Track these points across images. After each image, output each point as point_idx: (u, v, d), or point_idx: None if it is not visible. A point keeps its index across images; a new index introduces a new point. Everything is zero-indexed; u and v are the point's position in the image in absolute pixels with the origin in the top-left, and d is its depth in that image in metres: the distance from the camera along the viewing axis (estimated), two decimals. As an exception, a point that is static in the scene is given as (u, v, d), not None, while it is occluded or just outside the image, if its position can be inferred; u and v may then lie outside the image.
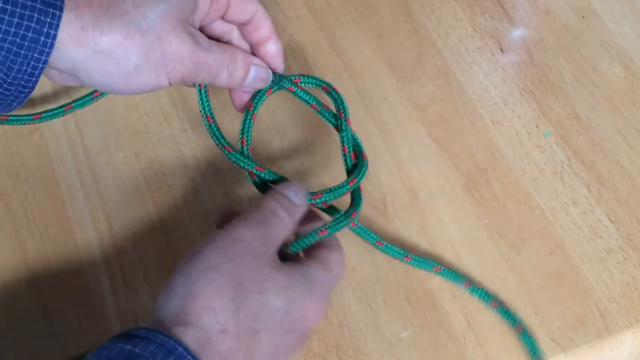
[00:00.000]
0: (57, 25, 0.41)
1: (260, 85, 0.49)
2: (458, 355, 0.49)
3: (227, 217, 0.44)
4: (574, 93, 0.59)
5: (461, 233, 0.54)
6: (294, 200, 0.45)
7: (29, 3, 0.40)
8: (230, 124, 0.56)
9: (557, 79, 0.60)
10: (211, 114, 0.48)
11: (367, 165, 0.48)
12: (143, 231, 0.53)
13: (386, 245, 0.50)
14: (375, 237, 0.50)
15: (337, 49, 0.62)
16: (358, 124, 0.58)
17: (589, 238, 0.53)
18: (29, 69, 0.41)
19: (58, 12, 0.40)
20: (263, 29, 0.49)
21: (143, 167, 0.56)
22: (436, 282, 0.52)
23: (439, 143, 0.57)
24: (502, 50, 0.62)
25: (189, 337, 0.38)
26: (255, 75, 0.48)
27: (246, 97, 0.50)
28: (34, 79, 0.42)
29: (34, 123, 0.57)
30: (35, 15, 0.40)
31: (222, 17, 0.48)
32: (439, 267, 0.51)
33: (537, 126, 0.58)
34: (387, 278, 0.52)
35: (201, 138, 0.57)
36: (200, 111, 0.48)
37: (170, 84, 0.45)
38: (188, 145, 0.57)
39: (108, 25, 0.41)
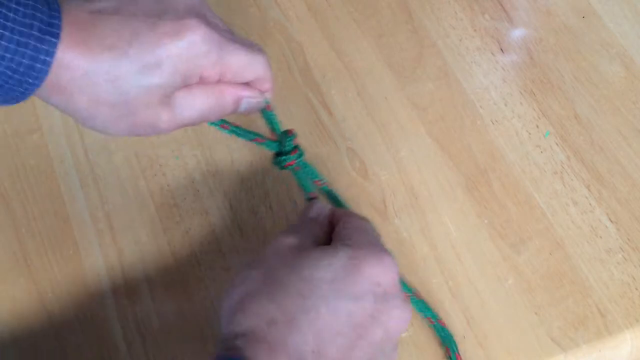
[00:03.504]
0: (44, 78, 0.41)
1: (255, 111, 0.48)
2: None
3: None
4: (574, 93, 0.59)
5: (461, 233, 0.53)
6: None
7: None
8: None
9: (557, 79, 0.60)
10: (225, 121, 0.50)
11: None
12: (143, 231, 0.53)
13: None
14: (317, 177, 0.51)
15: (337, 49, 0.62)
16: (358, 124, 0.58)
17: (589, 238, 0.53)
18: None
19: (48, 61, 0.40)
20: (264, 84, 0.47)
21: (143, 167, 0.56)
22: (436, 282, 0.52)
23: (439, 143, 0.57)
24: (502, 50, 0.62)
25: (243, 344, 0.38)
26: (247, 107, 0.47)
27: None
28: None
29: None
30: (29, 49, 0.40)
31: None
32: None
33: (537, 126, 0.58)
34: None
35: (201, 138, 0.57)
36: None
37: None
38: (188, 145, 0.57)
39: (78, 91, 0.41)
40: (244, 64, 0.45)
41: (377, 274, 0.40)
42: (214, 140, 0.57)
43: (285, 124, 0.58)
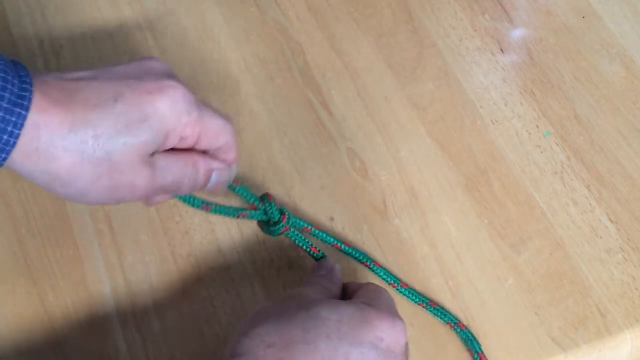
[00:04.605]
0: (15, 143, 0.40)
1: (223, 187, 0.49)
2: (458, 355, 0.49)
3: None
4: (574, 93, 0.59)
5: (461, 233, 0.54)
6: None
7: None
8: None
9: (557, 79, 0.60)
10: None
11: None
12: (143, 231, 0.53)
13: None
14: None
15: (337, 49, 0.62)
16: (358, 124, 0.58)
17: (589, 238, 0.53)
18: None
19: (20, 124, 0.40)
20: (230, 152, 0.48)
21: (143, 167, 0.56)
22: (436, 282, 0.52)
23: (439, 143, 0.57)
24: (502, 50, 0.62)
25: None
26: (217, 180, 0.48)
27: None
28: None
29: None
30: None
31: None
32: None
33: (537, 126, 0.58)
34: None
35: (201, 138, 0.57)
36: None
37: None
38: (188, 145, 0.57)
39: (62, 151, 0.41)
40: (220, 127, 0.46)
41: (384, 330, 0.41)
42: (214, 140, 0.57)
43: (285, 124, 0.58)
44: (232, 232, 0.53)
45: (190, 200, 0.52)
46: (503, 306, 0.51)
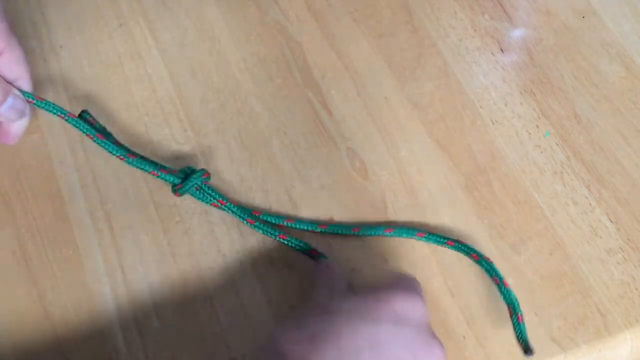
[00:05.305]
0: None
1: (14, 117, 0.52)
2: (458, 355, 0.49)
3: None
4: (574, 93, 0.59)
5: (461, 233, 0.53)
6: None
7: None
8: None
9: (557, 79, 0.60)
10: None
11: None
12: (143, 231, 0.53)
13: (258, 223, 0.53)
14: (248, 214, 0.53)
15: (337, 49, 0.62)
16: (358, 124, 0.58)
17: (589, 238, 0.53)
18: None
19: None
20: (19, 66, 0.51)
21: (143, 167, 0.56)
22: (436, 282, 0.52)
23: (439, 143, 0.57)
24: (502, 50, 0.62)
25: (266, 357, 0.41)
26: (12, 104, 0.50)
27: (8, 129, 0.53)
28: None
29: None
30: None
31: None
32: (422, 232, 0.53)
33: (537, 126, 0.58)
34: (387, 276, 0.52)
35: (200, 138, 0.57)
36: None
37: None
38: (188, 145, 0.57)
39: None
40: (22, 57, 0.51)
41: (398, 302, 0.42)
42: (213, 143, 0.57)
43: (285, 124, 0.58)
44: (232, 232, 0.53)
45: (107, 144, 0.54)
46: (503, 306, 0.51)
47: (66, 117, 0.54)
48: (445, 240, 0.52)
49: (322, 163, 0.56)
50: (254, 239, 0.53)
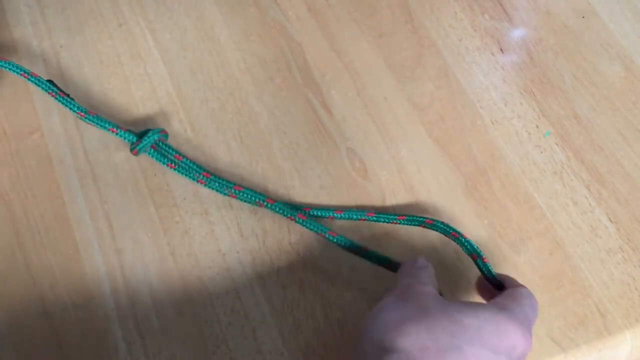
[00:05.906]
0: None
1: None
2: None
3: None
4: (574, 93, 0.59)
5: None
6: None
7: None
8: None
9: (557, 79, 0.60)
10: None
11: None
12: (143, 231, 0.53)
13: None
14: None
15: (337, 49, 0.62)
16: (358, 124, 0.58)
17: (589, 238, 0.53)
18: None
19: None
20: None
21: (143, 167, 0.56)
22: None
23: (439, 143, 0.57)
24: (502, 50, 0.62)
25: None
26: None
27: None
28: None
29: None
30: None
31: None
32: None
33: (537, 126, 0.58)
34: (387, 276, 0.52)
35: (200, 138, 0.57)
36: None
37: None
38: (188, 145, 0.57)
39: None
40: None
41: (518, 340, 0.42)
42: (213, 143, 0.57)
43: (285, 124, 0.58)
44: (232, 232, 0.53)
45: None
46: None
47: (29, 77, 0.56)
48: (424, 220, 0.52)
49: (322, 163, 0.56)
50: (254, 239, 0.53)
